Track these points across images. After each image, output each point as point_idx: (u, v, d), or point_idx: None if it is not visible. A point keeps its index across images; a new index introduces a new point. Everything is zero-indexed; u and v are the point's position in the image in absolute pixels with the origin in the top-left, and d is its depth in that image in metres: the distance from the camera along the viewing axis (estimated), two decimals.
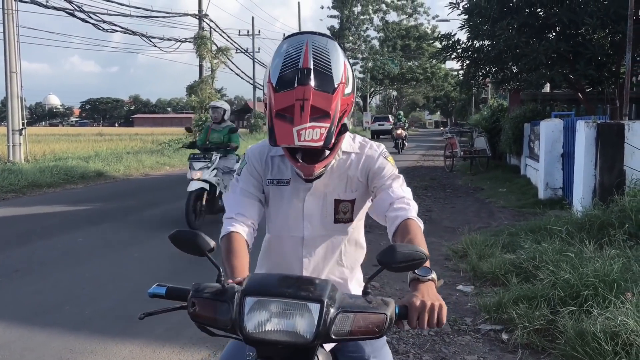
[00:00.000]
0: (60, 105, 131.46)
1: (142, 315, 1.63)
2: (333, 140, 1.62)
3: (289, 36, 1.74)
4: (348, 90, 1.67)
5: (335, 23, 56.29)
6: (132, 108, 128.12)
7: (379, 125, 44.71)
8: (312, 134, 1.57)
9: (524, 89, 16.49)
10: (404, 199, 1.84)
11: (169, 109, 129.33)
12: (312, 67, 1.59)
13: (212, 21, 29.02)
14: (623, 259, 4.56)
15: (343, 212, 1.92)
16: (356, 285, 2.02)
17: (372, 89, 63.91)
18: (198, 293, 1.49)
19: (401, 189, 1.88)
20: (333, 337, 1.37)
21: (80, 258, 6.65)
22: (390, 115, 48.71)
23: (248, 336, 1.38)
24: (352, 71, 1.73)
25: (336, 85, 1.61)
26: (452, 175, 17.23)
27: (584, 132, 7.76)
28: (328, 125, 1.59)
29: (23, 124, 16.82)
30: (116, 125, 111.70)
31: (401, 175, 1.93)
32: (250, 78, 39.84)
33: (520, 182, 13.44)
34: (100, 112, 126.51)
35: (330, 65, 1.62)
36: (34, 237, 7.78)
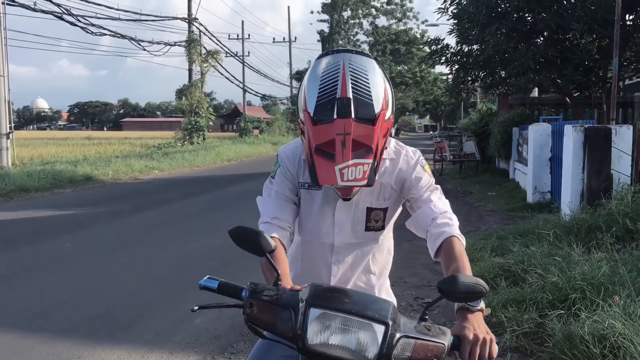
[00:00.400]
0: (48, 109, 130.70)
1: (196, 308, 1.61)
2: (376, 177, 1.56)
3: (324, 54, 1.63)
4: (388, 114, 1.57)
5: (325, 27, 56.39)
6: (121, 112, 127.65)
7: None
8: (355, 172, 1.49)
9: (513, 93, 16.59)
10: (446, 214, 1.79)
11: (158, 112, 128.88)
12: (351, 96, 1.49)
13: (202, 25, 29.00)
14: (610, 262, 4.59)
15: (375, 220, 1.88)
16: (384, 293, 1.98)
17: None
18: (257, 295, 1.47)
19: (441, 202, 1.82)
20: None
21: (68, 263, 6.60)
22: None
23: (309, 348, 1.36)
24: (392, 91, 1.63)
25: (377, 113, 1.50)
26: (442, 179, 17.29)
27: (572, 136, 7.82)
28: (371, 161, 1.51)
29: (10, 128, 16.70)
30: (105, 129, 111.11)
31: (439, 187, 1.88)
32: (240, 82, 39.79)
33: (509, 185, 13.52)
34: (89, 115, 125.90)
35: (371, 93, 1.51)
36: (21, 242, 7.71)
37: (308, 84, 1.57)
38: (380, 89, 1.54)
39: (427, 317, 1.47)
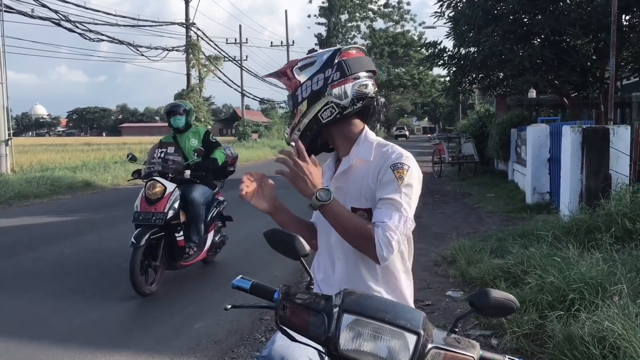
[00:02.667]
0: (47, 115, 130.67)
1: (228, 306, 1.62)
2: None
3: None
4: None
5: (323, 31, 56.53)
6: (120, 117, 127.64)
7: None
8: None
9: (510, 94, 16.63)
10: (382, 224, 1.77)
11: (157, 117, 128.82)
12: None
13: (200, 29, 29.03)
14: (609, 262, 4.60)
15: None
16: (392, 296, 1.94)
17: None
18: (290, 297, 1.49)
19: (383, 212, 1.80)
20: None
21: (68, 269, 6.59)
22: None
23: (341, 353, 1.38)
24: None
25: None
26: (441, 181, 17.30)
27: (570, 137, 7.83)
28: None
29: (9, 135, 16.71)
30: (104, 134, 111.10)
31: (397, 197, 1.80)
32: (239, 86, 39.80)
33: (508, 187, 13.53)
34: (88, 121, 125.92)
35: None
36: (20, 248, 7.71)
37: None
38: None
39: (457, 329, 1.48)
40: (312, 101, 1.93)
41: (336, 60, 1.92)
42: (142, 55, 26.36)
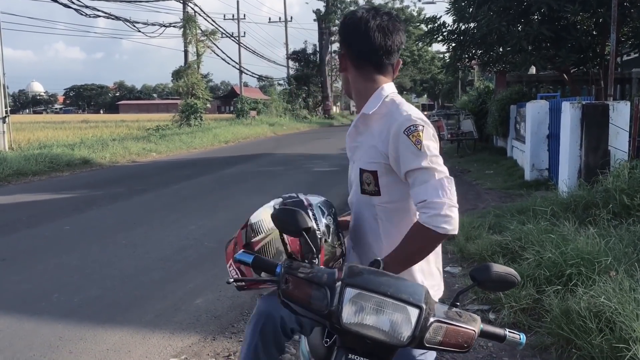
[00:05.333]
0: (44, 93, 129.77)
1: (231, 280, 1.64)
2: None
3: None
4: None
5: (322, 6, 55.86)
6: (117, 94, 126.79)
7: None
8: None
9: (510, 70, 16.53)
10: (425, 204, 1.67)
11: (155, 95, 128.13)
12: None
13: (197, 5, 28.71)
14: (607, 238, 4.62)
15: (367, 184, 1.85)
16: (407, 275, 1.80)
17: None
18: (293, 271, 1.50)
19: (424, 188, 1.68)
20: (426, 344, 1.41)
21: (67, 246, 6.62)
22: None
23: (343, 326, 1.40)
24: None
25: None
26: None
27: (569, 113, 7.81)
28: None
29: (6, 112, 16.62)
30: (101, 112, 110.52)
31: (425, 163, 1.70)
32: (237, 63, 39.53)
33: (506, 163, 13.53)
34: (85, 99, 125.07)
35: None
36: (20, 225, 7.73)
37: None
38: None
39: (458, 304, 1.50)
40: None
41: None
42: (139, 31, 26.14)
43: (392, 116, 1.79)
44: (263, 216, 1.94)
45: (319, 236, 1.88)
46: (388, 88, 1.89)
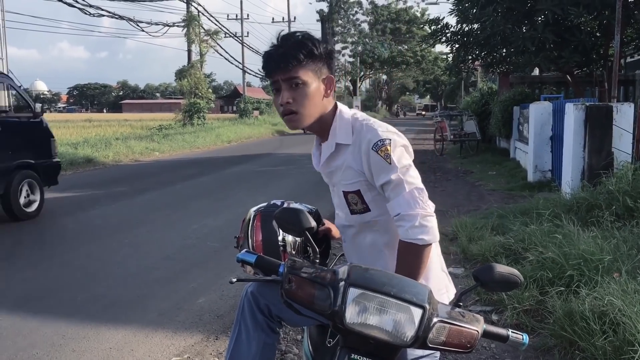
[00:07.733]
0: (48, 91, 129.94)
1: (234, 280, 1.64)
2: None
3: None
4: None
5: (325, 7, 55.87)
6: (121, 94, 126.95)
7: None
8: None
9: (513, 72, 16.51)
10: (400, 217, 1.71)
11: (158, 94, 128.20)
12: None
13: (200, 5, 28.73)
14: (610, 239, 4.61)
15: (354, 204, 1.87)
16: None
17: (362, 73, 63.68)
18: (296, 271, 1.49)
19: (397, 201, 1.72)
20: (429, 344, 1.40)
21: (71, 245, 6.63)
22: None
23: (346, 326, 1.39)
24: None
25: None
26: (442, 158, 17.28)
27: (573, 114, 7.80)
28: None
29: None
30: (104, 111, 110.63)
31: (395, 176, 1.72)
32: (240, 63, 39.53)
33: (509, 165, 13.51)
34: (88, 98, 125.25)
35: None
36: (24, 223, 7.74)
37: None
38: None
39: (461, 304, 1.50)
40: None
41: None
42: (143, 30, 26.21)
43: (360, 134, 1.81)
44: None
45: (280, 244, 1.96)
46: (343, 108, 1.91)
